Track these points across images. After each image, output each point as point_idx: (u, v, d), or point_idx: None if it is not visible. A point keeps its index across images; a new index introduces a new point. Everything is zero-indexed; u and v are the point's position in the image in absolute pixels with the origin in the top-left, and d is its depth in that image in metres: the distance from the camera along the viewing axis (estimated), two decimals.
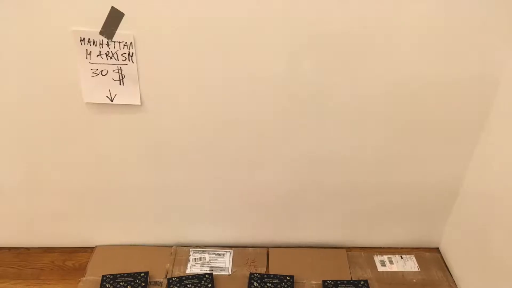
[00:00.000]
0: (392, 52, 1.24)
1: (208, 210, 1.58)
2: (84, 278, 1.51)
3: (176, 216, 1.60)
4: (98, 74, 1.23)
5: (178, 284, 1.47)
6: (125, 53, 1.21)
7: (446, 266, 1.62)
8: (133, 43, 1.20)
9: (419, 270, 1.59)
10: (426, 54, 1.25)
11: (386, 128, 1.38)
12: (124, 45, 1.20)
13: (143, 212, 1.58)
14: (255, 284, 1.48)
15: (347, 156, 1.43)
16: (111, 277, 1.48)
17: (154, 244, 1.65)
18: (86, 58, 1.21)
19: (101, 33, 1.18)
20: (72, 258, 1.61)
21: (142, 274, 1.49)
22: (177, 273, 1.54)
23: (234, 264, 1.58)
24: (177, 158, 1.42)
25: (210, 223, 1.62)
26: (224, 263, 1.59)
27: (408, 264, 1.62)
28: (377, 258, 1.64)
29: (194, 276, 1.49)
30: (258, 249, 1.65)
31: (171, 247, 1.64)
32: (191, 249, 1.64)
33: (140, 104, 1.29)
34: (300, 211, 1.60)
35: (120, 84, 1.25)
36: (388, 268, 1.59)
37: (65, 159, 1.41)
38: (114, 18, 1.14)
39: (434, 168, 1.47)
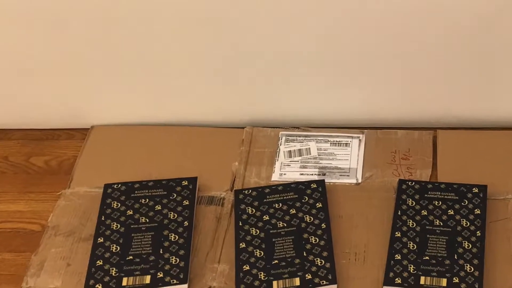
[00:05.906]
0: None
1: (314, 54, 1.21)
2: (67, 191, 1.13)
3: (251, 68, 1.24)
4: None
5: (256, 202, 1.08)
6: None
7: None
8: None
9: None
10: None
11: None
12: None
13: (183, 60, 1.23)
14: (410, 202, 1.10)
15: None
16: (123, 188, 1.11)
17: (207, 122, 1.29)
18: None
19: None
20: (46, 151, 1.26)
21: (184, 183, 1.12)
22: (253, 180, 1.15)
23: (367, 162, 1.18)
24: None
25: (318, 81, 1.24)
26: (347, 160, 1.18)
27: None
28: None
29: (288, 187, 1.10)
30: (416, 132, 1.25)
31: (243, 128, 1.27)
32: (282, 132, 1.25)
33: None
34: (499, 59, 1.19)
35: None
36: None
37: None
38: None
39: None
